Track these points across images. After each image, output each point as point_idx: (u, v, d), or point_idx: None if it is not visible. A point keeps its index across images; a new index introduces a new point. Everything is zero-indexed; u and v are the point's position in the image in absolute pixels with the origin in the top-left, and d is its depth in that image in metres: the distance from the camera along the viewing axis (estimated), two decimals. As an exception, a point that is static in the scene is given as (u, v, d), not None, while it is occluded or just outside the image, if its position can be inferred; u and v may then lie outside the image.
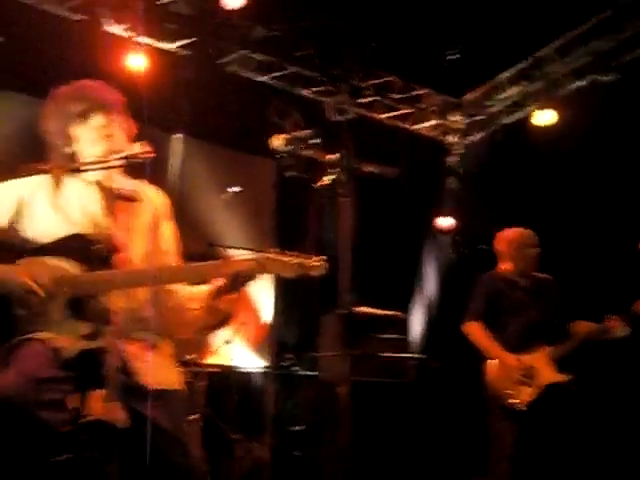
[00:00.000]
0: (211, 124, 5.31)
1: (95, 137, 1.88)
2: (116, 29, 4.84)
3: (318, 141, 2.02)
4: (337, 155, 1.87)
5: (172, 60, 5.08)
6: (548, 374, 3.13)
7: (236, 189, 5.37)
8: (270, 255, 1.83)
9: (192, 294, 1.93)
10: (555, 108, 5.56)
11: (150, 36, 4.95)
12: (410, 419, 4.34)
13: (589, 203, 4.96)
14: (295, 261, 1.83)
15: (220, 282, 1.85)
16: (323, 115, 5.27)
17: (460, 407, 4.62)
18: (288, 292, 5.43)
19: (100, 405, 2.45)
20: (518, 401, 3.07)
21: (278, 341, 5.23)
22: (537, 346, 3.25)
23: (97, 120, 1.89)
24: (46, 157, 1.96)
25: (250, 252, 2.49)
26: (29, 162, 1.73)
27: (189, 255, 2.39)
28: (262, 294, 5.40)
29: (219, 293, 1.86)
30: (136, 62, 4.73)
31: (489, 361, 3.30)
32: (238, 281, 1.84)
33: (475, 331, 3.38)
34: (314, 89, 5.77)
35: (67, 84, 1.97)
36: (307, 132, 2.05)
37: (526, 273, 3.46)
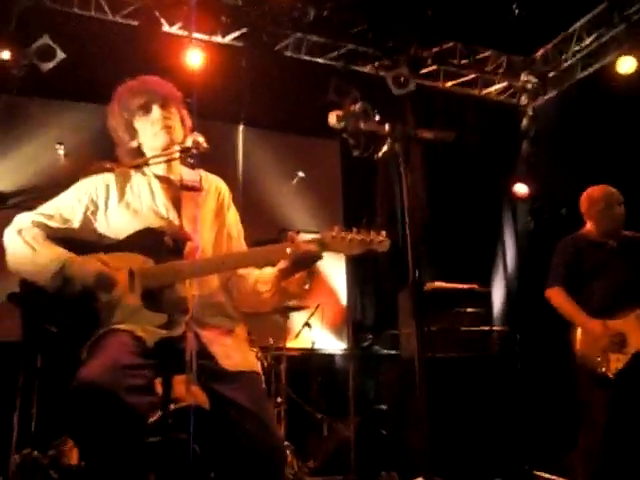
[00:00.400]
0: (272, 112, 5.34)
1: (156, 129, 1.96)
2: (171, 29, 4.97)
3: (374, 113, 1.96)
4: (391, 124, 1.80)
5: (229, 52, 5.15)
6: (638, 339, 2.92)
7: (301, 174, 5.42)
8: (333, 233, 1.82)
9: (261, 277, 1.96)
10: (638, 54, 5.10)
11: (204, 32, 5.04)
12: (495, 393, 4.21)
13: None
14: (358, 238, 1.81)
15: (285, 264, 1.85)
16: (387, 90, 5.15)
17: (546, 379, 4.43)
18: (363, 271, 5.41)
19: (183, 389, 2.57)
20: (606, 369, 2.88)
21: (356, 321, 5.23)
22: (627, 309, 3.03)
23: (157, 112, 1.97)
24: (114, 158, 2.05)
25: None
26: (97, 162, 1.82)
27: (262, 242, 2.43)
28: (336, 274, 5.41)
29: (287, 274, 1.88)
30: (195, 59, 4.83)
31: (577, 329, 3.12)
32: (304, 261, 1.85)
33: (558, 297, 3.21)
34: (374, 64, 5.65)
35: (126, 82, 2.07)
36: (362, 105, 2.00)
37: (612, 233, 3.24)
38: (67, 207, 1.92)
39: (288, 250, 1.81)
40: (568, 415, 3.35)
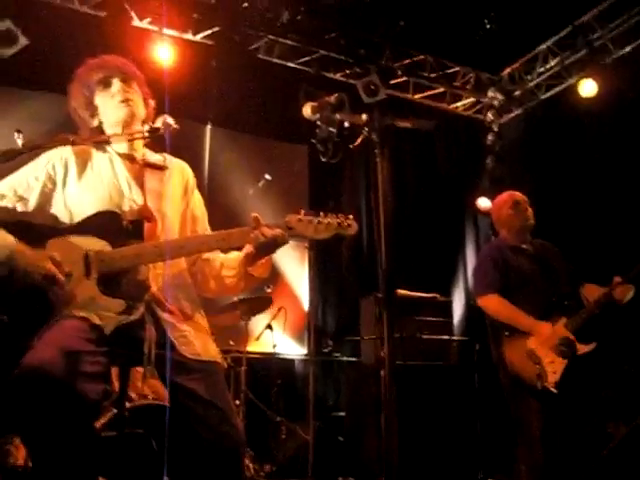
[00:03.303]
0: (241, 113, 5.29)
1: (116, 102, 1.90)
2: (141, 23, 4.88)
3: (348, 105, 1.94)
4: (368, 114, 1.78)
5: (200, 50, 5.09)
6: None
7: (268, 177, 5.37)
8: (299, 217, 1.78)
9: (227, 262, 1.92)
10: (600, 77, 5.29)
11: (175, 28, 4.97)
12: (453, 402, 4.23)
13: (637, 177, 4.72)
14: (325, 221, 1.78)
15: (250, 248, 1.81)
16: (357, 98, 5.18)
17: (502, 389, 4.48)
18: (325, 277, 5.39)
19: (141, 383, 2.48)
20: (547, 384, 2.79)
21: (318, 327, 5.19)
22: (553, 318, 2.97)
23: (117, 85, 1.91)
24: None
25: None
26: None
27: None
28: (299, 280, 5.37)
29: (252, 259, 1.83)
30: (163, 54, 4.74)
31: (504, 344, 3.02)
32: (269, 245, 1.80)
33: (496, 303, 3.05)
34: (345, 71, 5.68)
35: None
36: (337, 96, 1.98)
37: (524, 234, 3.22)
38: (22, 184, 1.83)
39: (252, 234, 1.76)
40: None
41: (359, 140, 1.79)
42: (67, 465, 1.52)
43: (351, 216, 1.81)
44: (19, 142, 4.72)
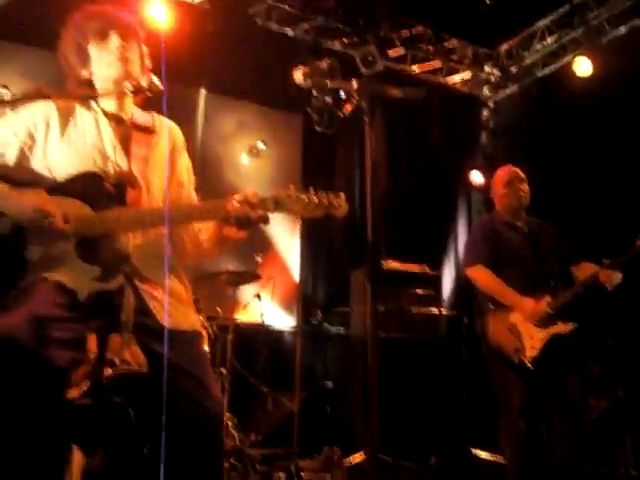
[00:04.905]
0: (236, 79, 5.20)
1: (112, 58, 1.80)
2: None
3: (339, 71, 1.90)
4: (358, 81, 1.75)
5: (196, 13, 4.97)
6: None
7: (261, 144, 5.32)
8: (289, 193, 1.70)
9: (203, 225, 1.86)
10: (596, 57, 5.26)
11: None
12: (440, 375, 4.29)
13: (629, 157, 4.72)
14: (316, 200, 1.70)
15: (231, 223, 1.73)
16: (355, 69, 5.11)
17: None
18: (316, 247, 5.39)
19: (119, 348, 2.45)
20: (524, 358, 2.82)
21: (307, 297, 5.21)
22: (537, 295, 2.96)
23: (115, 41, 1.81)
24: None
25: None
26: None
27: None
28: (289, 249, 5.37)
29: (227, 221, 1.73)
30: (159, 15, 4.63)
31: (491, 312, 3.04)
32: (250, 222, 1.71)
33: (483, 275, 3.04)
34: (343, 40, 5.60)
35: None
36: (328, 62, 1.94)
37: (517, 211, 3.20)
38: (1, 139, 1.74)
39: (235, 212, 1.68)
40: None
41: (349, 108, 1.75)
42: (33, 433, 1.50)
43: (342, 195, 1.72)
44: (6, 98, 4.61)
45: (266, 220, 1.72)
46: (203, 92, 5.36)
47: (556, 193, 4.94)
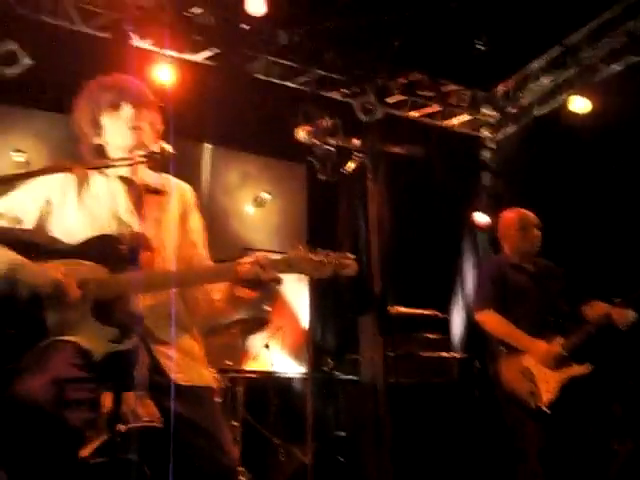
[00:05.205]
0: (240, 132, 5.34)
1: (124, 129, 1.87)
2: (143, 44, 4.95)
3: (341, 130, 1.97)
4: (362, 139, 1.81)
5: (199, 71, 5.15)
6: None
7: (266, 195, 5.42)
8: (300, 254, 1.75)
9: (216, 285, 1.89)
10: (591, 95, 5.37)
11: (176, 49, 5.03)
12: (454, 420, 4.21)
13: (631, 194, 4.75)
14: (326, 260, 1.75)
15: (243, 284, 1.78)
16: (354, 116, 5.23)
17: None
18: (324, 294, 5.38)
19: (134, 404, 2.45)
20: (540, 403, 2.80)
21: (316, 345, 5.18)
22: (547, 337, 2.97)
23: (127, 111, 1.87)
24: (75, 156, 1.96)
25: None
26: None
27: (223, 261, 2.37)
28: (298, 297, 5.37)
29: (240, 282, 1.79)
30: (164, 75, 4.80)
31: (504, 356, 3.03)
32: (262, 285, 1.76)
33: (492, 320, 3.07)
34: (342, 91, 5.76)
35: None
36: (331, 121, 2.00)
37: (528, 255, 3.23)
38: (19, 206, 1.81)
39: (247, 274, 1.72)
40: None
41: (353, 165, 1.81)
42: None
43: (352, 255, 1.77)
44: (20, 160, 4.75)
45: (279, 281, 1.76)
46: (208, 146, 5.50)
47: (560, 232, 4.95)
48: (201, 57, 5.18)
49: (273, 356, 4.46)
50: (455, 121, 6.42)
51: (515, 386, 2.92)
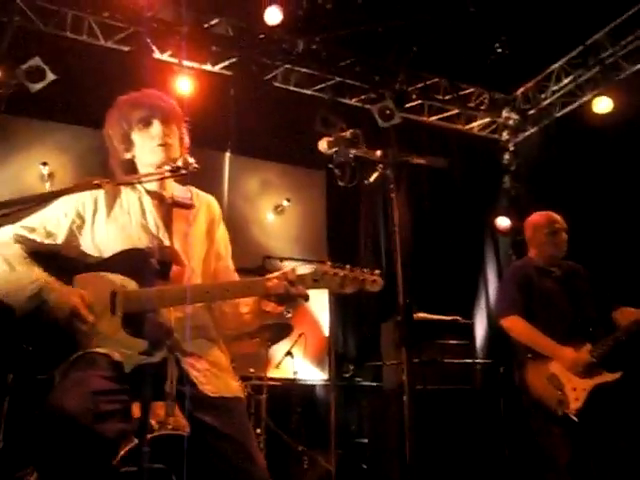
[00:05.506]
0: (259, 140, 5.38)
1: (154, 145, 1.91)
2: (162, 56, 5.03)
3: (363, 140, 1.97)
4: (383, 150, 1.81)
5: (218, 81, 5.21)
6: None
7: (286, 202, 5.44)
8: (326, 269, 1.76)
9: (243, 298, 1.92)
10: (613, 94, 5.30)
11: (195, 60, 5.10)
12: (479, 427, 4.17)
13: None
14: (351, 276, 1.76)
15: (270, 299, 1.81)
16: (373, 122, 5.23)
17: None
18: (346, 301, 5.39)
19: (163, 413, 2.48)
20: (567, 410, 2.73)
21: (338, 352, 5.17)
22: (575, 342, 2.90)
23: (157, 128, 1.92)
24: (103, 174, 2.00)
25: (305, 264, 2.44)
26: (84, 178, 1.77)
27: (245, 269, 2.39)
28: (319, 304, 5.38)
29: (268, 297, 1.82)
30: (184, 86, 4.87)
31: (530, 362, 2.97)
32: (290, 300, 1.79)
33: (518, 325, 2.99)
34: (360, 97, 5.77)
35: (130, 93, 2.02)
36: (352, 132, 2.01)
37: (555, 260, 3.15)
38: (52, 220, 1.85)
39: (275, 289, 1.75)
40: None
41: (374, 176, 1.81)
42: None
43: (377, 272, 1.78)
44: (44, 172, 4.85)
45: (306, 297, 1.79)
46: (227, 154, 5.55)
47: (585, 234, 4.88)
48: (220, 67, 5.25)
49: (295, 363, 4.47)
50: (475, 125, 6.39)
51: (542, 393, 2.86)
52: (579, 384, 2.82)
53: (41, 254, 1.82)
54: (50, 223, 1.84)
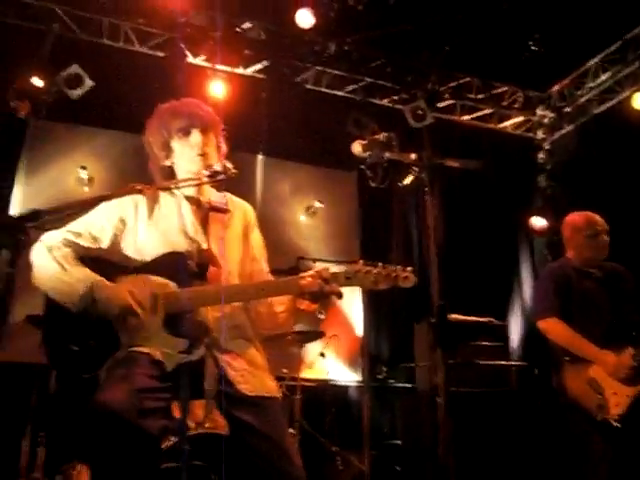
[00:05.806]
0: (291, 142, 5.42)
1: (193, 154, 1.96)
2: (196, 60, 5.11)
3: (396, 143, 1.97)
4: (417, 153, 1.82)
5: (251, 84, 5.27)
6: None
7: (319, 204, 5.46)
8: (358, 267, 1.80)
9: (277, 298, 1.95)
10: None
11: (227, 63, 5.17)
12: (514, 429, 4.11)
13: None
14: (384, 273, 1.79)
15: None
16: (405, 123, 5.21)
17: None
18: (379, 302, 5.37)
19: (202, 413, 2.53)
20: (608, 416, 2.65)
21: (372, 353, 5.17)
22: (617, 346, 2.80)
23: (196, 137, 1.97)
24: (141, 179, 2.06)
25: (338, 264, 2.46)
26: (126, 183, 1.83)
27: (279, 270, 2.42)
28: (352, 305, 5.38)
29: (303, 295, 1.85)
30: (218, 90, 4.94)
31: (564, 368, 2.89)
32: (324, 297, 1.82)
33: (557, 328, 2.90)
34: (392, 97, 5.76)
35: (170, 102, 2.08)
36: (386, 135, 2.02)
37: (595, 262, 3.05)
38: (96, 225, 1.91)
39: (309, 288, 1.79)
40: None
41: (409, 179, 1.81)
42: None
43: (409, 268, 1.80)
44: (84, 177, 5.00)
45: (340, 295, 1.81)
46: (260, 157, 5.61)
47: (623, 235, 4.75)
48: (252, 70, 5.31)
49: (329, 364, 4.49)
50: (508, 123, 6.29)
51: (581, 398, 2.79)
52: (621, 390, 2.74)
53: (85, 258, 1.89)
54: (95, 228, 1.91)
